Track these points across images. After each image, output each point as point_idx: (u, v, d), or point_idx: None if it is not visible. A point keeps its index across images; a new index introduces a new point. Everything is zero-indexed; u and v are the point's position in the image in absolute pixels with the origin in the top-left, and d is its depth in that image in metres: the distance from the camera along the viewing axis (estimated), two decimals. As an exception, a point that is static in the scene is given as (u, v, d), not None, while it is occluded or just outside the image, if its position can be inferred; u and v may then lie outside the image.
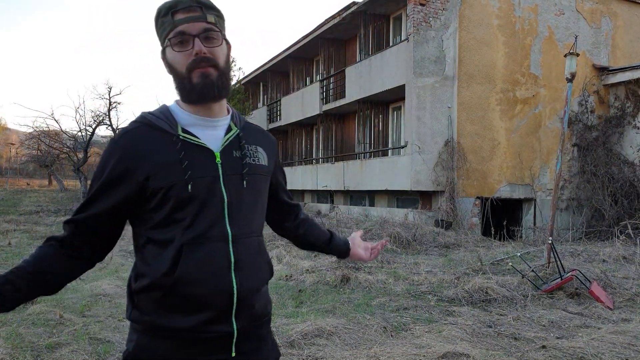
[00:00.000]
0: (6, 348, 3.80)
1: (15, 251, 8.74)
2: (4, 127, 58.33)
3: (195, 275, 1.22)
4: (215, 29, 1.27)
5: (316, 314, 4.80)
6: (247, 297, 1.28)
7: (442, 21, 12.11)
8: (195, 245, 1.23)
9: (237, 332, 1.27)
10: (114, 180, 1.23)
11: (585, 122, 13.62)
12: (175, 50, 1.25)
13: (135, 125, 1.28)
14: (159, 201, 1.23)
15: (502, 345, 4.02)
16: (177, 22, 1.24)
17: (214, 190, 1.26)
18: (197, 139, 1.27)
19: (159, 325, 1.24)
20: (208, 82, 1.25)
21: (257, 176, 1.36)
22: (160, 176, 1.22)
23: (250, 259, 1.30)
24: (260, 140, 1.43)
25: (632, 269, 6.97)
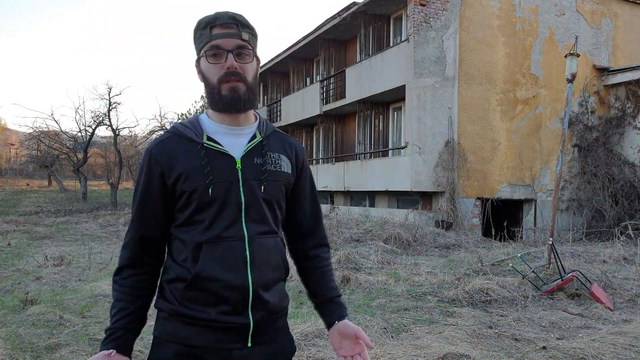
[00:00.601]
0: (6, 349, 3.80)
1: (14, 252, 8.73)
2: (4, 128, 58.35)
3: (213, 272, 1.33)
4: (249, 47, 1.38)
5: (316, 315, 4.79)
6: (262, 293, 1.37)
7: (443, 21, 12.10)
8: (213, 244, 1.34)
9: (253, 324, 1.36)
10: (151, 184, 1.39)
11: (585, 122, 13.62)
12: (210, 62, 1.36)
13: (167, 136, 1.42)
14: (184, 203, 1.36)
15: (502, 346, 4.01)
16: (214, 36, 1.35)
17: (233, 194, 1.37)
18: (220, 147, 1.38)
19: (182, 313, 1.36)
20: (236, 96, 1.36)
21: (277, 182, 1.43)
22: (186, 180, 1.35)
23: (265, 257, 1.39)
24: (284, 149, 1.50)
25: (632, 270, 6.96)
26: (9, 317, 4.72)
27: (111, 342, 1.33)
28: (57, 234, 11.51)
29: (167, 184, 1.37)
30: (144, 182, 1.39)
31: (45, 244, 9.73)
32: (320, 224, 1.62)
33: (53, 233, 11.70)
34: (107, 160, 36.23)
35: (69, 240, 10.63)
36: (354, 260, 7.23)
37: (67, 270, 7.06)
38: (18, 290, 5.84)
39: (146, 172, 1.39)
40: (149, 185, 1.38)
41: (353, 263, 7.10)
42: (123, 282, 1.40)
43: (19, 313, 4.83)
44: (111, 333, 1.34)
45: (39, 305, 4.99)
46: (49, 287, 6.07)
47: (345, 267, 6.75)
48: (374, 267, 7.07)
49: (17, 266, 7.27)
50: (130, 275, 1.40)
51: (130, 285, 1.39)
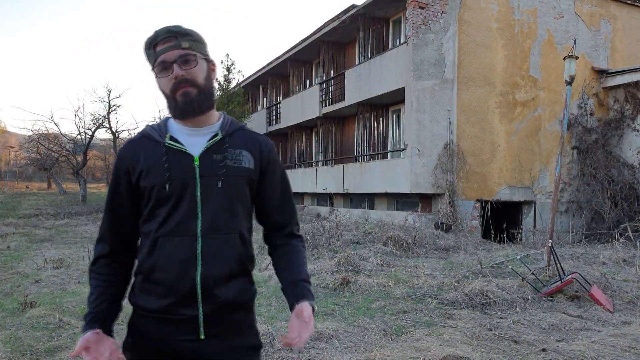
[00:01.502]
0: (5, 352, 3.80)
1: (14, 254, 8.72)
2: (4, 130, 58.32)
3: (164, 264, 1.42)
4: (191, 53, 1.45)
5: (316, 317, 4.79)
6: (212, 287, 1.42)
7: (442, 24, 12.13)
8: (167, 238, 1.43)
9: (203, 316, 1.41)
10: (119, 181, 1.50)
11: (584, 124, 13.64)
12: (160, 77, 1.46)
13: (136, 137, 1.54)
14: (145, 199, 1.46)
15: (502, 349, 4.01)
16: (158, 53, 1.45)
17: (189, 190, 1.44)
18: (180, 145, 1.47)
19: (139, 305, 1.47)
20: (187, 100, 1.44)
21: (236, 178, 1.49)
22: (146, 177, 1.45)
23: (217, 253, 1.43)
24: (248, 145, 1.54)
25: (632, 272, 6.96)
26: (8, 319, 4.71)
27: (94, 323, 1.43)
28: (56, 237, 11.50)
29: (132, 181, 1.47)
30: (113, 180, 1.53)
31: (45, 247, 9.73)
32: (290, 218, 1.64)
33: (52, 236, 11.69)
34: (107, 163, 36.25)
35: (69, 242, 10.62)
36: (354, 262, 7.23)
37: (67, 272, 7.05)
38: (17, 292, 5.83)
39: (115, 170, 1.52)
40: (117, 182, 1.50)
41: (352, 265, 7.10)
42: (98, 270, 1.50)
43: (18, 316, 4.82)
44: (93, 316, 1.44)
45: (38, 308, 4.98)
46: (49, 289, 6.07)
47: (345, 270, 6.75)
48: (374, 270, 7.07)
49: (17, 269, 7.27)
50: (104, 265, 1.51)
51: (105, 273, 1.50)
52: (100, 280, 1.49)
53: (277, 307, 5.19)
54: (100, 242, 1.53)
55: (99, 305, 1.46)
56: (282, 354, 3.79)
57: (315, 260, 7.65)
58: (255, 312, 1.60)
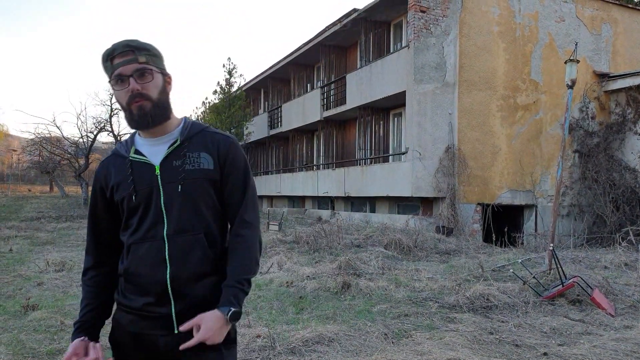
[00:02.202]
0: (7, 355, 3.81)
1: (16, 257, 8.74)
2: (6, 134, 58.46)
3: (138, 268, 1.54)
4: (148, 67, 1.51)
5: (317, 320, 4.79)
6: (182, 287, 1.52)
7: (443, 28, 12.16)
8: (137, 245, 1.55)
9: (175, 314, 1.52)
10: (96, 198, 1.64)
11: (586, 128, 13.64)
12: (117, 89, 1.52)
13: (108, 155, 1.67)
14: (120, 211, 1.59)
15: (503, 352, 4.00)
16: (115, 66, 1.50)
17: (154, 198, 1.54)
18: (143, 157, 1.57)
19: (121, 302, 1.60)
20: (142, 114, 1.51)
21: (195, 180, 1.55)
22: (117, 191, 1.58)
23: (185, 254, 1.53)
24: (207, 146, 1.60)
25: (633, 276, 6.95)
26: (11, 322, 4.72)
27: (82, 332, 1.57)
28: (58, 240, 11.52)
29: (107, 196, 1.60)
30: (91, 197, 1.67)
31: (47, 250, 9.74)
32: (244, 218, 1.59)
33: (54, 239, 11.71)
34: (109, 166, 36.13)
35: (71, 245, 10.64)
36: (355, 266, 7.22)
37: (69, 275, 7.06)
38: (19, 295, 5.84)
39: (93, 188, 1.66)
40: (94, 198, 1.64)
41: (354, 269, 7.09)
42: (88, 281, 1.64)
43: (21, 318, 4.83)
44: (80, 325, 1.58)
45: (40, 311, 4.99)
46: (51, 292, 6.08)
47: (346, 273, 6.74)
48: (375, 273, 7.06)
49: (19, 272, 7.28)
50: (93, 276, 1.64)
51: (93, 284, 1.63)
52: (88, 291, 1.64)
53: (277, 310, 5.19)
54: (87, 254, 1.67)
55: (86, 314, 1.60)
56: (282, 357, 3.79)
57: (316, 264, 7.65)
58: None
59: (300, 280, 6.48)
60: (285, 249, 8.73)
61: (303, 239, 9.53)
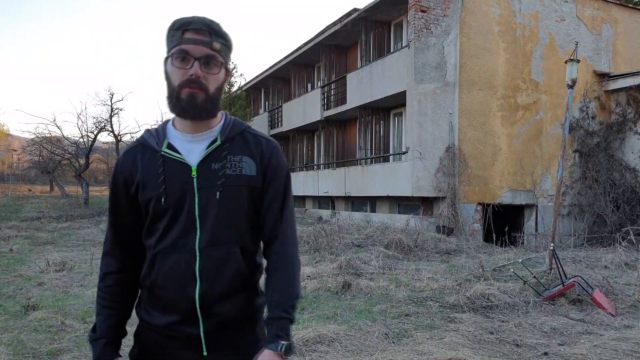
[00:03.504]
0: (8, 354, 3.81)
1: (17, 257, 8.74)
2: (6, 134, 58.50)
3: (164, 282, 1.36)
4: (218, 58, 1.34)
5: (317, 320, 4.79)
6: (212, 305, 1.36)
7: (443, 28, 12.15)
8: (165, 255, 1.36)
9: (204, 334, 1.36)
10: (118, 192, 1.42)
11: (586, 128, 13.63)
12: (175, 66, 1.33)
13: (133, 145, 1.45)
14: (144, 212, 1.39)
15: (503, 352, 4.00)
16: (185, 40, 1.31)
17: (187, 203, 1.35)
18: (177, 155, 1.37)
19: (144, 319, 1.42)
20: (193, 103, 1.33)
21: (237, 187, 1.37)
22: (144, 189, 1.37)
23: (217, 269, 1.35)
24: (250, 150, 1.41)
25: (634, 276, 6.95)
26: (11, 322, 4.72)
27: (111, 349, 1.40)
28: (59, 240, 11.52)
29: (130, 192, 1.39)
30: (112, 191, 1.44)
31: (47, 250, 9.74)
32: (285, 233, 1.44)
33: (55, 238, 11.71)
34: (109, 166, 36.32)
35: (71, 245, 10.64)
36: (355, 265, 7.22)
37: (69, 275, 7.06)
38: (20, 295, 5.85)
39: (113, 180, 1.44)
40: (116, 193, 1.42)
41: (354, 268, 7.09)
42: (109, 289, 1.43)
43: (21, 318, 4.83)
44: (108, 341, 1.40)
45: (40, 311, 4.99)
46: (51, 292, 6.08)
47: (347, 273, 6.75)
48: (375, 273, 7.06)
49: (19, 272, 7.28)
50: (116, 283, 1.43)
51: (115, 293, 1.43)
52: (110, 299, 1.43)
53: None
54: (107, 257, 1.45)
55: (110, 327, 1.41)
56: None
57: (316, 264, 7.65)
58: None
59: (300, 280, 6.47)
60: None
61: (303, 239, 9.52)
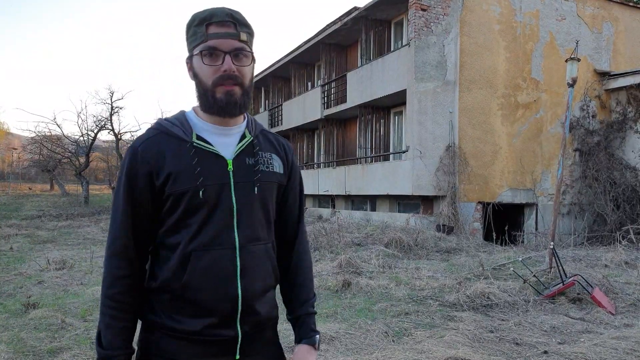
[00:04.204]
0: (8, 352, 3.81)
1: (17, 255, 8.75)
2: (7, 132, 58.51)
3: (201, 282, 1.26)
4: (247, 49, 1.29)
5: (317, 319, 4.77)
6: (252, 304, 1.31)
7: (444, 26, 12.14)
8: (202, 252, 1.26)
9: (241, 337, 1.30)
10: (137, 185, 1.28)
11: (586, 127, 13.62)
12: (205, 63, 1.27)
13: (153, 133, 1.32)
14: (171, 205, 1.28)
15: (503, 351, 4.01)
16: (211, 35, 1.26)
17: (224, 198, 1.29)
18: (211, 146, 1.31)
19: (167, 326, 1.28)
20: (231, 101, 1.28)
21: (269, 184, 1.37)
22: (175, 181, 1.26)
23: (256, 266, 1.32)
24: (275, 148, 1.43)
25: (634, 274, 6.95)
26: (11, 320, 4.73)
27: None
28: (59, 238, 11.53)
29: (155, 184, 1.28)
30: (129, 184, 1.28)
31: (47, 248, 9.75)
32: (304, 231, 1.52)
33: (55, 237, 11.72)
34: (109, 165, 36.33)
35: (71, 244, 10.65)
36: (355, 264, 7.23)
37: (69, 274, 7.07)
38: (20, 294, 5.85)
39: (131, 172, 1.28)
40: (135, 186, 1.28)
41: (354, 267, 7.10)
42: (122, 297, 1.28)
43: (21, 317, 4.84)
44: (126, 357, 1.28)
45: (41, 309, 5.00)
46: (51, 291, 6.08)
47: (347, 271, 6.75)
48: (375, 271, 7.07)
49: (19, 270, 7.29)
50: (127, 290, 1.29)
51: (128, 302, 1.29)
52: (120, 310, 1.28)
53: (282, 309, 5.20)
54: (117, 258, 1.28)
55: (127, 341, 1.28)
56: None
57: (316, 262, 7.66)
58: None
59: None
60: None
61: (303, 238, 9.51)
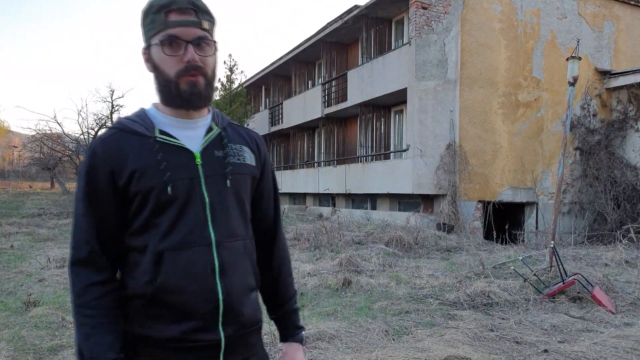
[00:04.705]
0: (8, 350, 3.82)
1: (17, 254, 8.76)
2: (7, 130, 58.53)
3: (178, 283, 1.17)
4: (209, 37, 1.23)
5: (318, 317, 4.80)
6: (235, 304, 1.23)
7: (444, 25, 12.12)
8: (177, 251, 1.18)
9: (224, 341, 1.22)
10: (98, 186, 1.20)
11: (587, 125, 13.61)
12: (166, 54, 1.20)
13: (112, 132, 1.25)
14: (138, 204, 1.20)
15: (504, 349, 4.01)
16: (171, 23, 1.19)
17: (195, 193, 1.22)
18: (175, 140, 1.24)
19: (140, 335, 1.19)
20: (196, 92, 1.22)
21: (242, 176, 1.30)
22: (140, 179, 1.19)
23: (235, 263, 1.25)
24: (245, 140, 1.37)
25: (634, 273, 6.95)
26: (12, 318, 4.73)
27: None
28: (59, 236, 11.53)
29: (118, 184, 1.19)
30: (89, 186, 1.20)
31: (48, 246, 9.75)
32: (281, 228, 1.47)
33: (56, 235, 11.72)
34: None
35: (71, 242, 10.63)
36: (356, 263, 7.23)
37: (70, 272, 7.07)
38: (21, 292, 5.86)
39: (91, 173, 1.20)
40: (96, 188, 1.20)
41: (354, 266, 7.10)
42: (97, 303, 1.16)
43: (22, 315, 4.84)
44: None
45: (41, 307, 5.00)
46: (52, 289, 6.09)
47: (347, 270, 6.75)
48: (376, 270, 7.07)
49: (20, 268, 7.30)
50: (104, 294, 1.18)
51: (108, 306, 1.18)
52: (104, 316, 1.17)
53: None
54: (85, 265, 1.18)
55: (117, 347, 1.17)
56: (284, 353, 3.80)
57: (317, 261, 7.66)
58: None
59: (301, 277, 6.49)
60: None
61: (304, 236, 9.53)
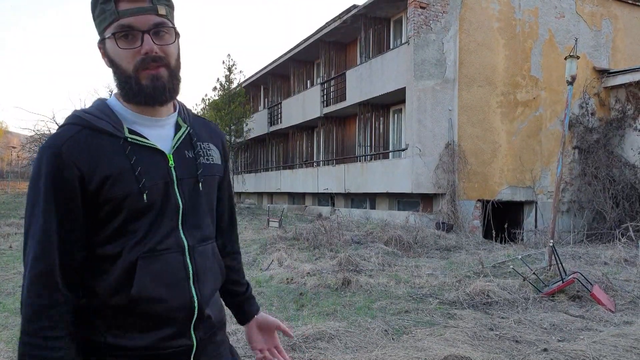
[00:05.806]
0: (7, 352, 3.81)
1: (16, 254, 8.74)
2: (6, 131, 58.46)
3: (152, 292, 1.11)
4: (168, 24, 1.11)
5: (317, 317, 4.80)
6: (205, 308, 1.20)
7: (443, 24, 12.13)
8: (150, 259, 1.11)
9: (196, 344, 1.19)
10: (65, 194, 1.07)
11: (586, 124, 13.63)
12: (120, 47, 1.09)
13: (76, 130, 1.10)
14: (109, 212, 1.10)
15: (503, 348, 4.01)
16: (122, 13, 1.07)
17: (168, 197, 1.15)
18: (146, 140, 1.14)
19: (110, 344, 1.11)
20: (159, 85, 1.11)
21: (212, 177, 1.25)
22: (113, 185, 1.08)
23: (208, 268, 1.22)
24: (211, 137, 1.30)
25: (633, 272, 6.96)
26: (11, 319, 4.73)
27: None
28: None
29: (87, 190, 1.07)
30: (53, 192, 1.06)
31: (47, 247, 9.74)
32: (235, 226, 1.45)
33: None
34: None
35: (70, 243, 10.63)
36: (355, 262, 7.23)
37: (69, 273, 7.06)
38: (19, 293, 5.84)
39: (56, 178, 1.06)
40: (61, 194, 1.06)
41: (354, 265, 7.10)
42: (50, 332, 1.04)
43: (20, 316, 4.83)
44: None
45: (40, 308, 4.99)
46: (51, 289, 6.07)
47: (346, 270, 6.75)
48: (375, 269, 7.07)
49: (19, 269, 7.28)
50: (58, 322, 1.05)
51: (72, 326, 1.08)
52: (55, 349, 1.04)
53: (278, 307, 5.20)
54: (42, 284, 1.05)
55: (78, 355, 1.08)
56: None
57: (316, 260, 7.66)
58: None
59: (300, 277, 6.48)
60: (285, 246, 8.73)
61: (303, 236, 9.52)
